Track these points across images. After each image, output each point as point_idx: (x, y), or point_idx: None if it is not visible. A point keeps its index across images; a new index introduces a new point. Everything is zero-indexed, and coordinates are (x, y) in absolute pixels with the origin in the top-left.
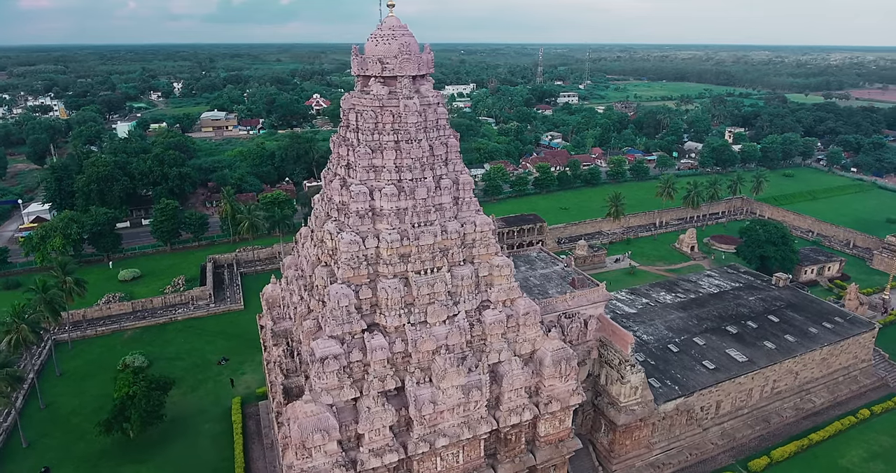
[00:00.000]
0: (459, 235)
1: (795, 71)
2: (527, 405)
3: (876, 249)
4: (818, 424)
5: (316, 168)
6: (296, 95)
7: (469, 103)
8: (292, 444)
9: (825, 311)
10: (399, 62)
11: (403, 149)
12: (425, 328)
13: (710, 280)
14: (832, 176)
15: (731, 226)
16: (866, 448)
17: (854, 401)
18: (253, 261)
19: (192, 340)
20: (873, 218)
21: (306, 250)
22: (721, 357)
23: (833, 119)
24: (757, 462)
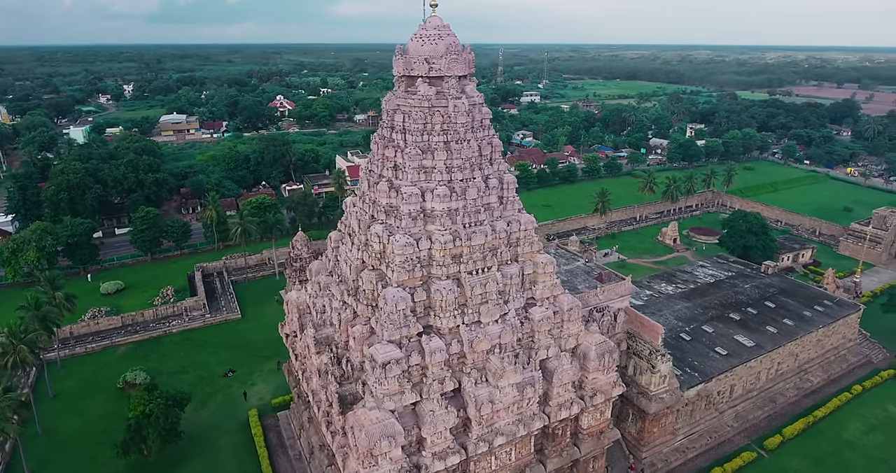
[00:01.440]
0: (507, 234)
1: (738, 69)
2: (574, 399)
3: (841, 236)
4: (818, 402)
5: (294, 171)
6: (258, 97)
7: None
8: (358, 452)
9: (814, 295)
10: (447, 62)
11: (454, 149)
12: (479, 328)
13: (704, 270)
14: (788, 168)
15: (705, 217)
16: (864, 421)
17: (846, 378)
18: (243, 269)
19: (193, 353)
20: (831, 206)
21: (346, 254)
22: (730, 343)
23: (783, 115)
24: (771, 441)
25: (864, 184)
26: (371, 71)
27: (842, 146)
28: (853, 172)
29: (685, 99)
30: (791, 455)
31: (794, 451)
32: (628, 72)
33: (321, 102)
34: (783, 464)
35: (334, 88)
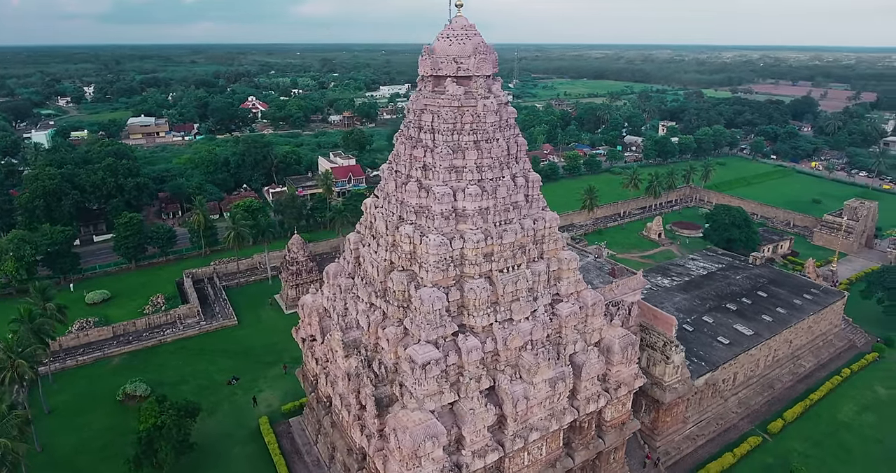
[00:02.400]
0: (534, 232)
1: (699, 68)
2: (600, 392)
3: (814, 227)
4: (812, 386)
5: (276, 173)
6: (229, 98)
7: None
8: (401, 454)
9: (801, 284)
10: (477, 62)
11: (484, 148)
12: (511, 325)
13: (695, 263)
14: (757, 163)
15: (685, 212)
16: (856, 402)
17: (834, 362)
18: (234, 274)
19: (192, 362)
20: (800, 199)
21: (371, 256)
22: (731, 332)
23: (749, 112)
24: (774, 425)
25: (829, 178)
26: (341, 71)
27: (805, 141)
28: (818, 166)
29: (654, 97)
30: (793, 437)
31: (795, 434)
32: (595, 71)
33: (295, 103)
34: (787, 447)
35: (305, 89)
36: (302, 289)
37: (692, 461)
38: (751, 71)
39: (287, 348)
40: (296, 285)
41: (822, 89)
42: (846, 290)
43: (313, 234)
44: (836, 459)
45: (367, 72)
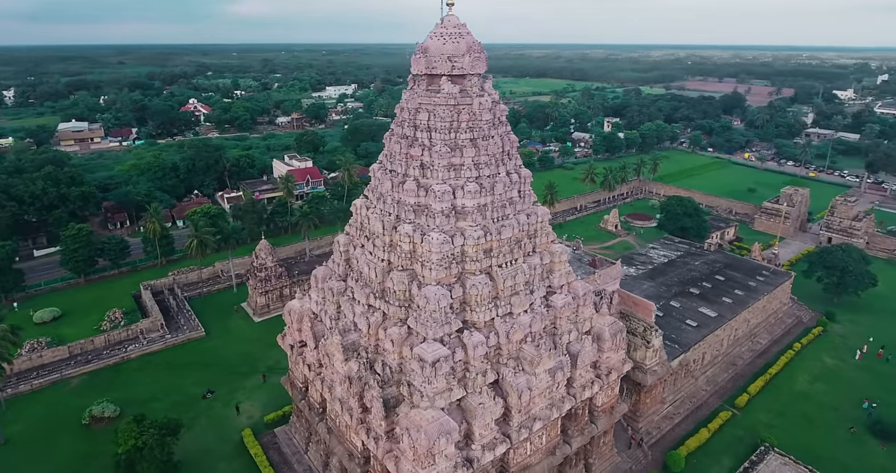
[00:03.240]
0: (528, 226)
1: (633, 66)
2: (594, 379)
3: (755, 214)
4: (769, 360)
5: (229, 178)
6: (168, 101)
7: (361, 104)
8: (416, 454)
9: (753, 267)
10: (471, 60)
11: (480, 146)
12: (512, 319)
13: (656, 252)
14: (696, 156)
15: (636, 204)
16: (808, 373)
17: (786, 338)
18: (196, 283)
19: (161, 377)
20: (738, 188)
21: (366, 257)
22: (697, 315)
23: (685, 107)
24: (740, 399)
25: (761, 168)
26: (283, 72)
27: (738, 134)
28: (750, 157)
29: (597, 95)
30: (758, 409)
31: (760, 406)
32: (536, 70)
33: (240, 105)
34: (754, 419)
35: (248, 90)
36: (271, 296)
37: (671, 438)
38: (680, 69)
39: (262, 357)
40: (265, 292)
41: (746, 85)
42: (787, 271)
43: (276, 239)
44: (798, 427)
45: (310, 72)
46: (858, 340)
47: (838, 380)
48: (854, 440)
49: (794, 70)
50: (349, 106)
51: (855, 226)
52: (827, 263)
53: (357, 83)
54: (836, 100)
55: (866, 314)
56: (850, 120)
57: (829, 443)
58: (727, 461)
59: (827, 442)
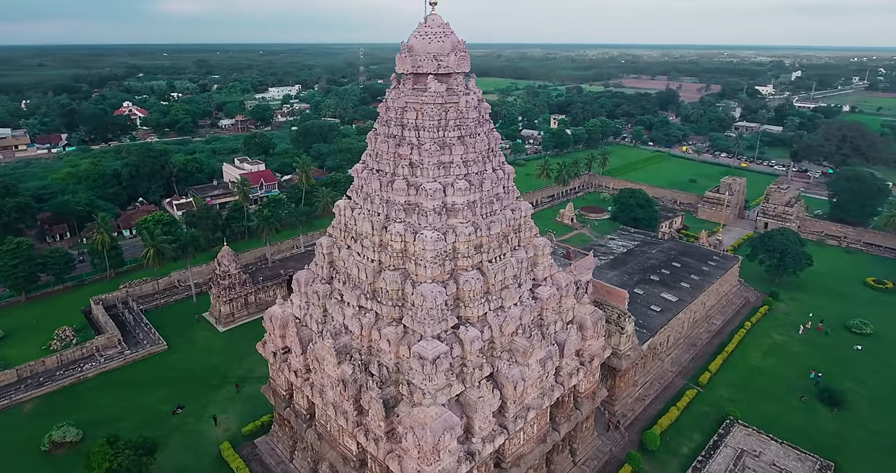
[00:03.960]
0: (514, 221)
1: (571, 65)
2: (578, 366)
3: (698, 203)
4: (724, 339)
5: (176, 184)
6: (98, 105)
7: (308, 105)
8: (421, 451)
9: (705, 253)
10: (457, 59)
11: (468, 143)
12: (503, 312)
13: (615, 242)
14: (638, 150)
15: (588, 197)
16: (759, 349)
17: (737, 318)
18: (151, 295)
19: (124, 396)
20: (679, 179)
21: (354, 258)
22: (660, 300)
23: (626, 104)
24: (703, 377)
25: (698, 160)
26: (221, 73)
27: (675, 128)
28: (688, 150)
29: (541, 93)
30: (720, 386)
31: (720, 382)
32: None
33: (180, 108)
34: (717, 394)
35: (185, 92)
36: (236, 304)
37: (645, 419)
38: (615, 67)
39: (232, 367)
40: (230, 300)
41: (677, 82)
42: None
43: (233, 245)
44: (756, 399)
45: (251, 73)
46: (800, 316)
47: (786, 354)
48: (806, 407)
49: (718, 67)
50: (296, 107)
51: (788, 212)
52: (768, 247)
53: (301, 84)
54: (758, 95)
55: (805, 292)
56: (773, 113)
57: (784, 412)
58: (697, 436)
59: (783, 411)
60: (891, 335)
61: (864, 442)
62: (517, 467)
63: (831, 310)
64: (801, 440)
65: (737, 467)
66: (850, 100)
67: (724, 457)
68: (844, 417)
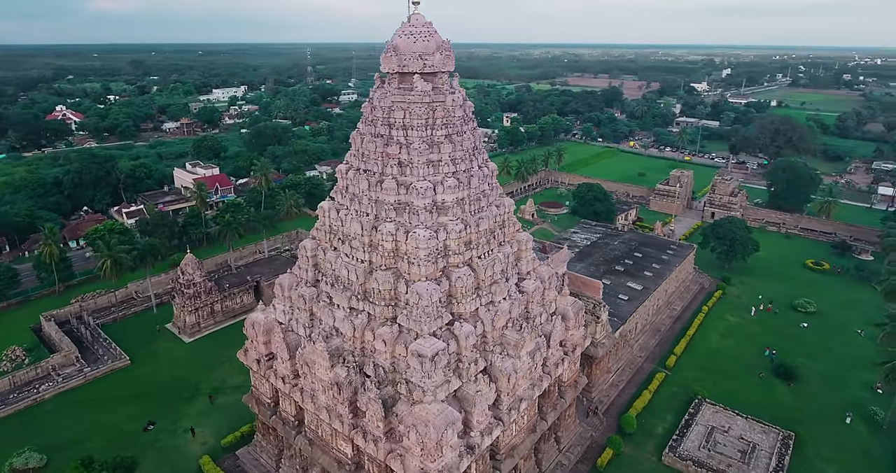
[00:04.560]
0: (499, 217)
1: (517, 64)
2: (563, 356)
3: (650, 196)
4: (685, 324)
5: (124, 191)
6: (28, 109)
7: (256, 106)
8: (425, 449)
9: (663, 243)
10: (442, 58)
11: (455, 141)
12: (494, 307)
13: (578, 235)
14: (589, 146)
15: (546, 193)
16: (717, 331)
17: (694, 303)
18: (107, 308)
19: (87, 416)
20: (629, 173)
21: (343, 260)
22: (627, 289)
23: (574, 102)
24: (669, 361)
25: (645, 154)
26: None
27: (622, 125)
28: (635, 145)
29: (492, 91)
30: (685, 367)
31: (685, 364)
32: None
33: (120, 111)
34: (683, 376)
35: (122, 95)
36: (202, 314)
37: (619, 403)
38: (559, 66)
39: (203, 378)
40: (195, 309)
41: (619, 80)
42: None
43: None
44: (719, 378)
45: (193, 74)
46: (751, 299)
47: (742, 334)
48: (764, 383)
49: (655, 66)
50: (244, 109)
51: (732, 201)
52: (718, 235)
53: (247, 85)
54: (694, 92)
55: (753, 276)
56: (709, 109)
57: (746, 389)
58: (670, 417)
59: (744, 388)
60: (832, 312)
61: (819, 412)
62: (511, 458)
63: (778, 292)
64: (763, 413)
65: (709, 443)
66: (776, 95)
67: (696, 435)
68: (799, 390)
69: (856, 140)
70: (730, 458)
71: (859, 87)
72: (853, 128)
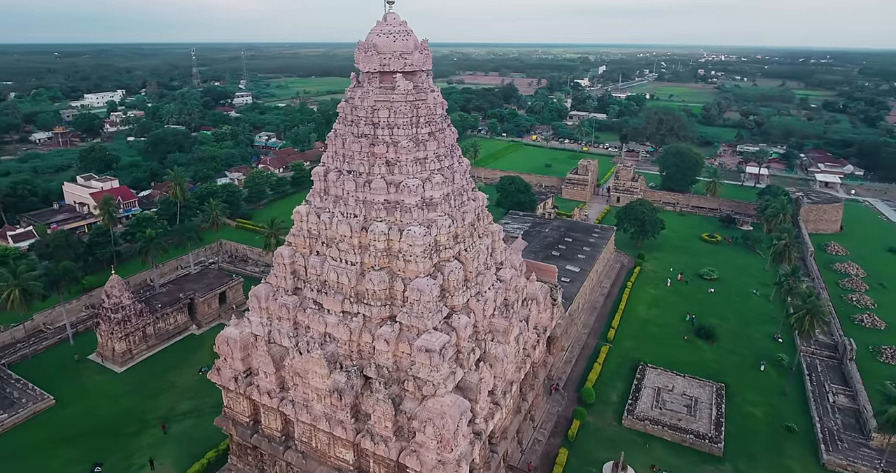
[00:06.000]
0: (477, 210)
1: None
2: (537, 338)
3: (561, 185)
4: (615, 299)
5: (4, 212)
6: None
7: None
8: (442, 441)
9: (587, 227)
10: (422, 57)
11: (438, 138)
12: (482, 297)
13: (510, 225)
14: (495, 141)
15: None
16: (643, 303)
17: (619, 280)
18: (11, 345)
19: (13, 468)
20: (537, 165)
21: (331, 263)
22: (567, 272)
23: (476, 99)
24: (610, 334)
25: (547, 147)
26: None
27: (523, 119)
28: (537, 139)
29: None
30: (623, 339)
31: (623, 336)
32: (320, 68)
33: None
34: (624, 346)
35: None
36: (133, 339)
37: (575, 378)
38: (450, 64)
39: (148, 408)
40: (125, 335)
41: (509, 78)
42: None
43: (103, 275)
44: (653, 344)
45: (55, 78)
46: (665, 271)
47: (664, 304)
48: (690, 345)
49: (539, 63)
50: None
51: (634, 186)
52: (631, 216)
53: (124, 88)
54: (580, 88)
55: (662, 251)
56: (597, 103)
57: (677, 351)
58: (620, 384)
59: (675, 351)
60: (730, 277)
61: (737, 364)
62: (504, 440)
63: (685, 263)
64: (696, 371)
65: (658, 402)
66: (647, 89)
67: (646, 397)
68: (719, 347)
69: (719, 127)
70: (679, 413)
71: (713, 81)
72: (716, 117)
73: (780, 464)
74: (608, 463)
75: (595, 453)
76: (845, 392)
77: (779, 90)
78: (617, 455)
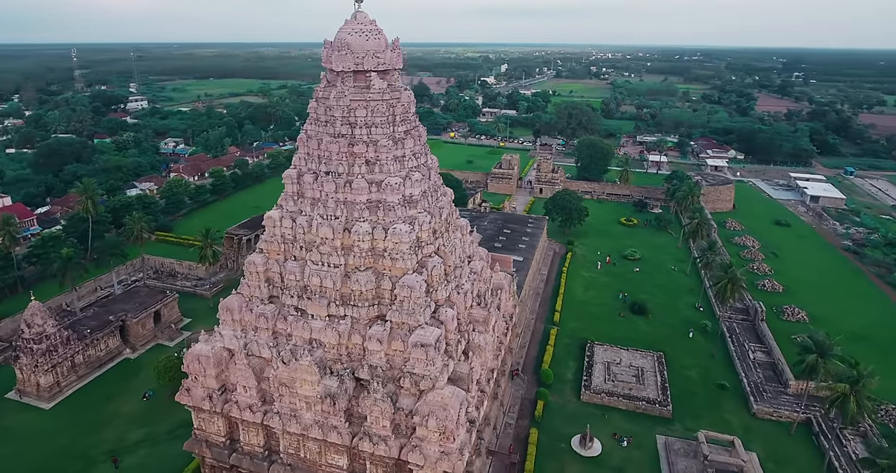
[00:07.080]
0: (449, 205)
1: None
2: (506, 325)
3: (486, 180)
4: (555, 285)
5: None
6: None
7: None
8: (445, 432)
9: (521, 219)
10: (394, 56)
11: (414, 136)
12: (462, 289)
13: None
14: None
15: None
16: (579, 286)
17: (555, 266)
18: None
19: None
20: (459, 161)
21: (313, 268)
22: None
23: None
24: (555, 317)
25: (466, 143)
26: None
27: (440, 117)
28: (455, 136)
29: (306, 92)
30: (568, 320)
31: (567, 317)
32: (219, 70)
33: None
34: (570, 327)
35: None
36: (61, 370)
37: (531, 361)
38: None
39: (91, 443)
40: (52, 367)
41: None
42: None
43: (5, 305)
44: (595, 323)
45: None
46: (593, 255)
47: (598, 285)
48: (626, 321)
49: (443, 62)
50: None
51: (554, 177)
52: (559, 206)
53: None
54: (487, 85)
55: (588, 237)
56: (506, 100)
57: (617, 328)
58: (572, 363)
59: (616, 328)
60: (650, 256)
61: (669, 334)
62: (488, 426)
63: (610, 247)
64: (637, 343)
65: (610, 375)
66: (548, 86)
67: (598, 372)
68: (652, 321)
69: (618, 119)
70: (629, 383)
71: (605, 77)
72: (614, 110)
73: (720, 418)
74: (576, 437)
75: (561, 429)
76: (761, 349)
77: (664, 85)
78: (581, 428)
